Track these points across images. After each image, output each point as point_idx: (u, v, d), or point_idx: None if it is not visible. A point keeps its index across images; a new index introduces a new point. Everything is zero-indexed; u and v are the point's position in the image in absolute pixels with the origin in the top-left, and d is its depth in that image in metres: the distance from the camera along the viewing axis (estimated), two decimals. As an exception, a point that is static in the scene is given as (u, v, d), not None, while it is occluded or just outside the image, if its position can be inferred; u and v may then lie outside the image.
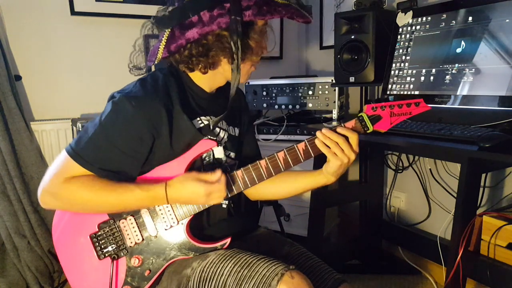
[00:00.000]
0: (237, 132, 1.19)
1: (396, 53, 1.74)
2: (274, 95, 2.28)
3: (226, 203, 1.09)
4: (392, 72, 1.75)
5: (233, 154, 1.15)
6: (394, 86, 1.73)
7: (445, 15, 1.57)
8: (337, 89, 2.09)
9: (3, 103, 1.89)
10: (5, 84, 1.89)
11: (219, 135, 1.10)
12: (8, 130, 1.91)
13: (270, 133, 2.24)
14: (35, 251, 1.97)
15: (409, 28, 1.70)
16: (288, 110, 2.28)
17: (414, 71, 1.66)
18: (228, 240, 1.04)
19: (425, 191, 2.07)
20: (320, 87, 2.14)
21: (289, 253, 1.14)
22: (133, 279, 1.03)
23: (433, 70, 1.59)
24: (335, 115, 2.13)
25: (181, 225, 1.02)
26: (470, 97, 1.45)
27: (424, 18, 1.65)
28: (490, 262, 1.26)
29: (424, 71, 1.62)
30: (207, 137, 1.04)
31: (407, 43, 1.70)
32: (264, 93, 2.30)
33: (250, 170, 1.02)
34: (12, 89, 1.92)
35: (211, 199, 0.98)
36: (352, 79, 1.89)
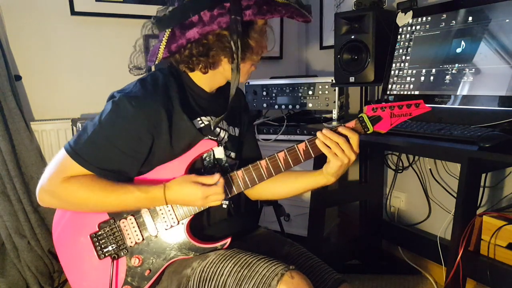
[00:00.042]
0: (237, 132, 1.19)
1: (396, 53, 1.74)
2: (274, 95, 2.28)
3: (227, 203, 1.09)
4: (392, 72, 1.75)
5: (233, 154, 1.15)
6: (394, 86, 1.73)
7: (445, 15, 1.57)
8: (337, 89, 2.09)
9: (3, 103, 1.89)
10: (5, 84, 1.89)
11: (219, 135, 1.10)
12: (8, 130, 1.91)
13: (270, 133, 2.24)
14: (35, 251, 1.97)
15: (409, 28, 1.70)
16: (288, 110, 2.28)
17: (414, 71, 1.66)
18: (228, 240, 1.04)
19: (425, 191, 2.07)
20: (320, 87, 2.14)
21: (289, 253, 1.14)
22: (133, 279, 1.03)
23: (433, 70, 1.59)
24: (335, 115, 2.13)
25: (181, 225, 1.02)
26: (470, 97, 1.45)
27: (424, 18, 1.65)
28: (490, 262, 1.26)
29: (424, 71, 1.62)
30: (208, 137, 1.04)
31: (407, 43, 1.70)
32: (264, 93, 2.30)
33: (251, 170, 1.02)
34: (12, 89, 1.92)
35: (208, 202, 0.98)
36: (352, 79, 1.89)
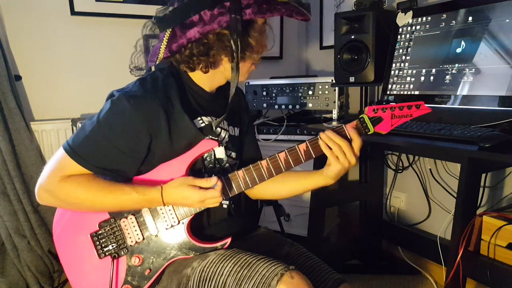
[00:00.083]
0: (237, 132, 1.19)
1: (396, 53, 1.74)
2: (274, 95, 2.28)
3: (227, 203, 1.09)
4: (392, 72, 1.75)
5: (234, 154, 1.15)
6: (394, 86, 1.73)
7: (445, 15, 1.57)
8: (337, 89, 2.09)
9: (3, 103, 1.89)
10: (5, 84, 1.89)
11: (220, 135, 1.10)
12: (8, 130, 1.91)
13: (270, 133, 2.24)
14: (35, 251, 1.97)
15: (409, 28, 1.71)
16: (288, 110, 2.28)
17: (414, 71, 1.66)
18: (228, 240, 1.04)
19: (425, 191, 2.07)
20: (320, 87, 2.14)
21: (289, 253, 1.14)
22: (133, 278, 1.03)
23: (433, 70, 1.59)
24: (335, 115, 2.13)
25: (181, 224, 1.02)
26: (470, 97, 1.45)
27: (424, 18, 1.65)
28: (490, 262, 1.26)
29: (424, 71, 1.62)
30: (209, 137, 1.04)
31: (407, 43, 1.71)
32: (264, 93, 2.30)
33: (251, 170, 1.02)
34: (12, 89, 1.92)
35: (205, 205, 0.98)
36: (352, 79, 1.89)
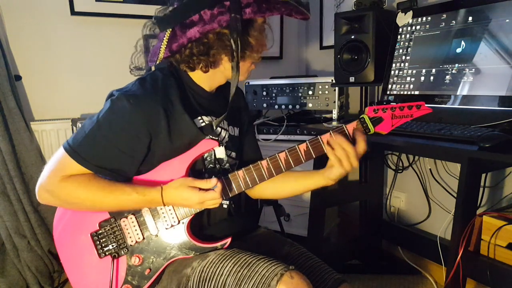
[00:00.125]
0: (237, 131, 1.19)
1: (396, 53, 1.74)
2: (274, 95, 2.28)
3: (227, 203, 1.09)
4: (392, 72, 1.75)
5: (234, 154, 1.15)
6: (394, 86, 1.73)
7: (445, 15, 1.57)
8: (337, 89, 2.09)
9: (3, 103, 1.89)
10: (5, 84, 1.89)
11: (220, 135, 1.10)
12: (8, 130, 1.91)
13: (270, 133, 2.24)
14: (35, 251, 1.97)
15: (409, 28, 1.71)
16: (288, 110, 2.29)
17: (414, 71, 1.66)
18: (228, 240, 1.04)
19: (425, 191, 2.07)
20: (320, 87, 2.14)
21: (289, 253, 1.14)
22: (133, 278, 1.03)
23: (433, 70, 1.59)
24: (335, 115, 2.13)
25: (182, 224, 1.02)
26: (470, 97, 1.45)
27: (424, 18, 1.65)
28: (490, 262, 1.26)
29: (424, 71, 1.62)
30: (209, 136, 1.04)
31: (407, 43, 1.71)
32: (264, 93, 2.30)
33: (252, 170, 1.02)
34: (12, 89, 1.92)
35: (204, 206, 0.98)
36: (352, 79, 1.89)
